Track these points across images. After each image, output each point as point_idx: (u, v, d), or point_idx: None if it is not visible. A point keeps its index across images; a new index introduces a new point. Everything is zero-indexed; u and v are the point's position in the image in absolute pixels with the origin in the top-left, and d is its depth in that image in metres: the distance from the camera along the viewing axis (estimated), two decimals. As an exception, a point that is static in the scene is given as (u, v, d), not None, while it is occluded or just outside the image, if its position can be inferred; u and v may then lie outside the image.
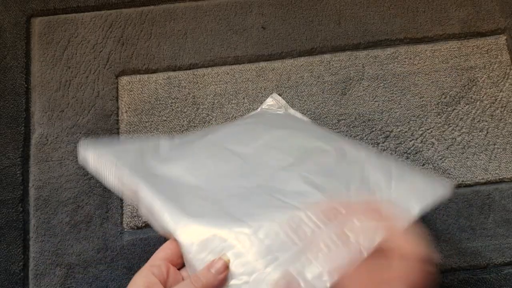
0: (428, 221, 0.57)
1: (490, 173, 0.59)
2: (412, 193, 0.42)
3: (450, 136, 0.61)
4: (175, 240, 0.36)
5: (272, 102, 0.59)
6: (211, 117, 0.61)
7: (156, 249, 0.36)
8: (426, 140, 0.60)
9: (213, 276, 0.32)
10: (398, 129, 0.61)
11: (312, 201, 0.38)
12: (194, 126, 0.61)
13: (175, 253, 0.35)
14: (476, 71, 0.63)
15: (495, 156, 0.60)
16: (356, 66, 0.64)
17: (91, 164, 0.42)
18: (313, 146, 0.46)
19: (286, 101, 0.60)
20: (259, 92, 0.62)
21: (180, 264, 0.36)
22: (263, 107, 0.59)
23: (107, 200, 0.58)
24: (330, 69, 0.63)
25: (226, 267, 0.33)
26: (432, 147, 0.60)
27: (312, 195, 0.39)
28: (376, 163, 0.45)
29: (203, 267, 0.33)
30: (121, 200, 0.58)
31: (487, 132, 0.61)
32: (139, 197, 0.40)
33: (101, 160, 0.42)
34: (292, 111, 0.58)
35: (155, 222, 0.38)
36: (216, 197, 0.39)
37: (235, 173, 0.42)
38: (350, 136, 0.60)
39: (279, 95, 0.60)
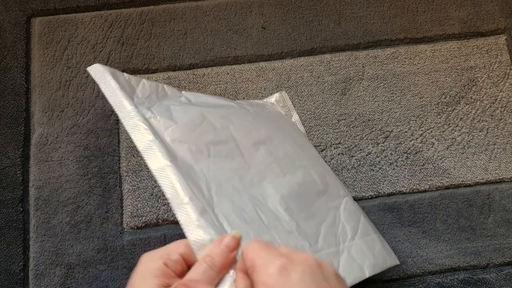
0: (428, 221, 0.57)
1: (490, 173, 0.59)
2: (369, 254, 0.45)
3: (450, 136, 0.61)
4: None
5: (279, 98, 0.59)
6: (211, 117, 0.61)
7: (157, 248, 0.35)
8: (426, 140, 0.60)
9: (226, 254, 0.30)
10: (398, 129, 0.61)
11: (285, 231, 0.40)
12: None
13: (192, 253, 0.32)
14: (476, 71, 0.63)
15: (495, 156, 0.60)
16: (356, 66, 0.64)
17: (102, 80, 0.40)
18: (303, 165, 0.47)
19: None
20: (259, 92, 0.62)
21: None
22: (270, 100, 0.59)
23: (107, 200, 0.58)
24: (330, 69, 0.63)
25: (238, 243, 0.31)
26: (432, 147, 0.60)
27: (286, 225, 0.40)
28: (350, 211, 0.47)
29: (213, 243, 0.31)
30: (121, 200, 0.58)
31: (487, 132, 0.61)
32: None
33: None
34: (296, 116, 0.58)
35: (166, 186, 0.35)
36: (209, 191, 0.38)
37: (234, 171, 0.42)
38: (350, 136, 0.60)
39: (279, 95, 0.60)
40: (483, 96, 0.62)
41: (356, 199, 0.58)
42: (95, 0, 0.66)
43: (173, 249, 0.32)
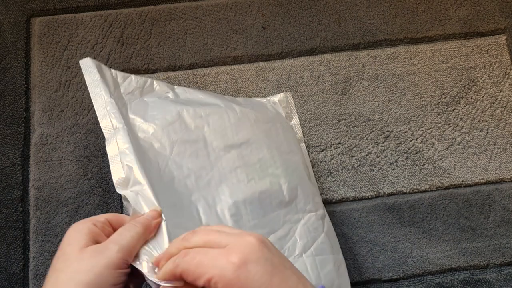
0: (429, 221, 0.57)
1: (490, 173, 0.59)
2: (313, 275, 0.44)
3: (450, 136, 0.61)
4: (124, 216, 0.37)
5: (283, 99, 0.58)
6: (211, 117, 0.61)
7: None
8: (426, 140, 0.60)
9: (149, 220, 0.35)
10: (398, 129, 0.61)
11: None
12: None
13: (120, 221, 0.36)
14: (476, 71, 0.63)
15: (495, 156, 0.60)
16: (356, 66, 0.64)
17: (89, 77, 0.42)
18: (275, 173, 0.47)
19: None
20: (259, 92, 0.62)
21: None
22: (273, 99, 0.58)
23: (107, 200, 0.58)
24: (330, 69, 0.63)
25: (159, 214, 0.35)
26: (432, 147, 0.60)
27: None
28: (310, 228, 0.47)
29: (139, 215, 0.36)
30: (121, 200, 0.58)
31: (487, 132, 0.61)
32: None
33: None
34: (296, 119, 0.57)
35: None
36: (160, 179, 0.40)
37: (193, 170, 0.43)
38: (350, 136, 0.60)
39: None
40: (483, 96, 0.62)
41: (356, 199, 0.58)
42: (95, 0, 0.66)
43: (100, 216, 0.36)
